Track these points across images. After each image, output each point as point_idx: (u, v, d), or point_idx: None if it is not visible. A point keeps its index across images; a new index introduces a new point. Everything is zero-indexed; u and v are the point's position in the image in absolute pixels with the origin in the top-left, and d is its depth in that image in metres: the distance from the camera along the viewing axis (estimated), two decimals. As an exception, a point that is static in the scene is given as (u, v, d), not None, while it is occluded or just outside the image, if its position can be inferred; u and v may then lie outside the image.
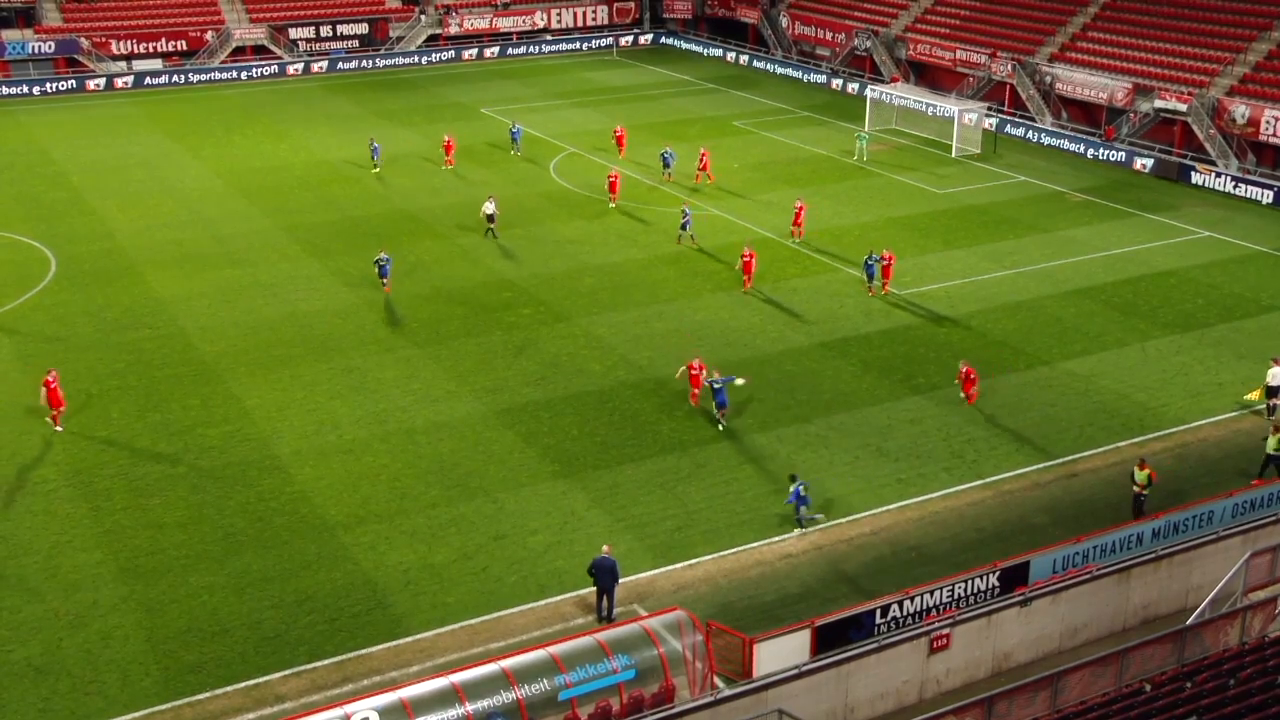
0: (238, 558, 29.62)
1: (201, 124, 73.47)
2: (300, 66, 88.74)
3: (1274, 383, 36.26)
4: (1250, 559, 25.39)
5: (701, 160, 60.52)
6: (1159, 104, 65.24)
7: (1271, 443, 32.36)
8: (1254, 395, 36.95)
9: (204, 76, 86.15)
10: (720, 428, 35.56)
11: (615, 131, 67.17)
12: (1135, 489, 30.80)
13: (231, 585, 28.58)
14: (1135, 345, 41.76)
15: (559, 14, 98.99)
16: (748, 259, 45.88)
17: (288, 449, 34.69)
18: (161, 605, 27.86)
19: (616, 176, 56.71)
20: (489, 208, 52.08)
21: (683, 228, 51.31)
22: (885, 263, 45.70)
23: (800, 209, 51.65)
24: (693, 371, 37.03)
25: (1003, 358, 40.72)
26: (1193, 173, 61.58)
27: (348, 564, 29.42)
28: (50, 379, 35.56)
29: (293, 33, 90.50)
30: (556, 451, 34.67)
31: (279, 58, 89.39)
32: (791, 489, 30.45)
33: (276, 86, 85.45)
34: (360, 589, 28.47)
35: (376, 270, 45.68)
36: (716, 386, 35.72)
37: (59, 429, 35.60)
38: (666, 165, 60.58)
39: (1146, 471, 30.55)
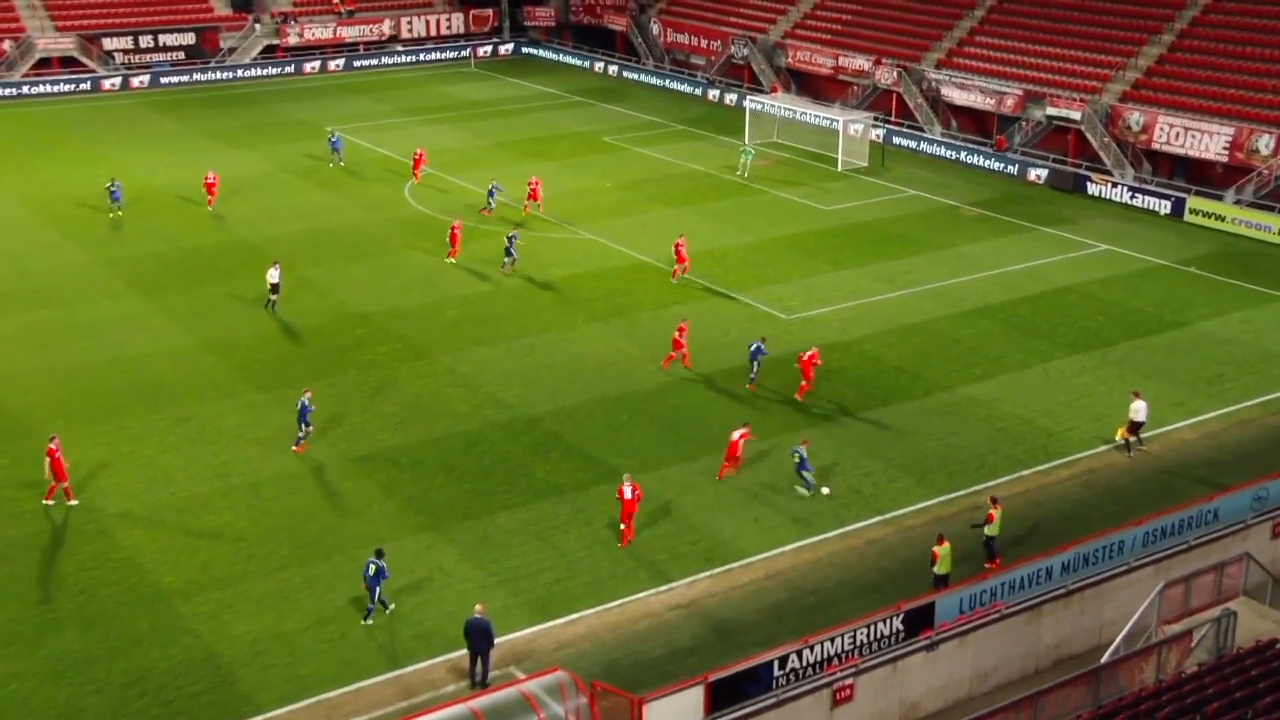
0: (55, 637, 28.58)
1: (0, 146, 71.29)
2: (117, 81, 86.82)
3: (1137, 418, 36.90)
4: (1163, 590, 26.22)
5: (531, 188, 59.11)
6: (1051, 111, 67.60)
7: (997, 524, 31.26)
8: (1119, 434, 37.37)
9: (2, 91, 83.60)
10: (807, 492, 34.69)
11: (414, 154, 65.36)
12: (933, 570, 30.25)
13: (47, 670, 27.53)
14: (1036, 367, 43.01)
15: (409, 22, 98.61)
16: (679, 336, 41.96)
17: (114, 510, 33.70)
18: (-30, 694, 26.77)
19: (459, 227, 52.74)
20: (273, 276, 46.95)
21: (507, 253, 50.74)
22: (807, 359, 40.28)
23: (680, 244, 50.49)
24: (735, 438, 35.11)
25: (899, 384, 41.55)
26: (1088, 183, 63.89)
27: (186, 637, 28.63)
28: (53, 447, 33.67)
29: (107, 43, 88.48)
30: (420, 502, 34.30)
31: (92, 71, 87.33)
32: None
33: (91, 103, 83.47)
34: (201, 665, 27.71)
35: (297, 414, 37.02)
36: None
37: (73, 502, 33.92)
38: (490, 198, 58.47)
39: (947, 546, 30.08)
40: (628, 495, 32.21)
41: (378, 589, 28.90)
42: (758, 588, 30.77)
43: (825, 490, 34.70)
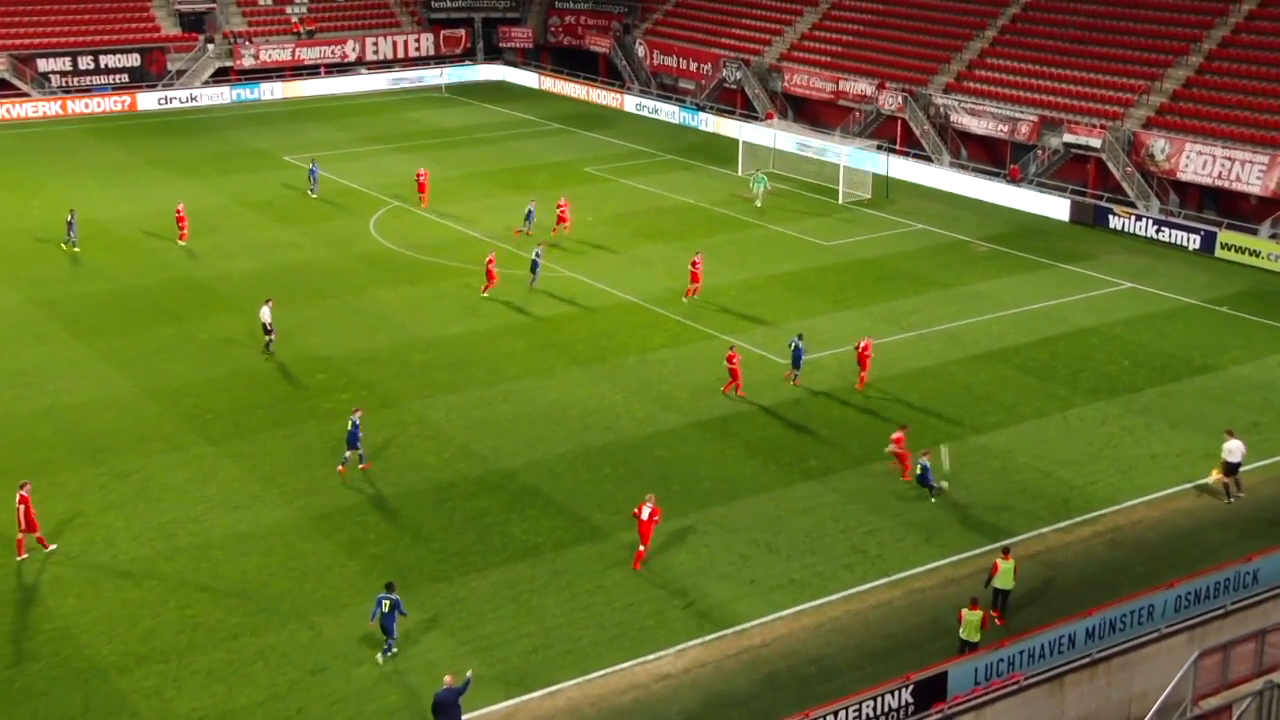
0: (-20, 715, 28.38)
1: (-68, 178, 71.54)
2: (54, 106, 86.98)
3: (1232, 459, 37.16)
4: (1199, 660, 26.04)
5: (560, 210, 61.06)
6: (1068, 139, 68.11)
7: (1005, 574, 31.32)
8: (1214, 477, 37.67)
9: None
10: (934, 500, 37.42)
11: (418, 175, 67.37)
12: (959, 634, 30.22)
13: (-27, 751, 27.33)
14: (1056, 415, 43.06)
15: (374, 43, 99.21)
16: (731, 363, 43.73)
17: (46, 575, 33.42)
18: (-114, 778, 26.48)
19: (493, 260, 53.23)
20: (264, 315, 47.16)
21: (533, 270, 53.44)
22: (862, 349, 44.42)
23: (697, 261, 52.91)
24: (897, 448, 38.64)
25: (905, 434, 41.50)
26: (1110, 216, 64.28)
27: (124, 715, 28.33)
28: (25, 493, 33.76)
29: (42, 64, 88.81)
30: (385, 562, 34.11)
31: (25, 94, 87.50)
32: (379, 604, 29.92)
33: (24, 130, 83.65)
34: (143, 744, 27.50)
35: (347, 436, 38.64)
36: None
37: (51, 548, 34.21)
38: (527, 220, 60.64)
39: (979, 612, 29.96)
40: (644, 516, 33.44)
41: (394, 626, 29.55)
42: (753, 656, 30.60)
43: (943, 484, 37.52)
